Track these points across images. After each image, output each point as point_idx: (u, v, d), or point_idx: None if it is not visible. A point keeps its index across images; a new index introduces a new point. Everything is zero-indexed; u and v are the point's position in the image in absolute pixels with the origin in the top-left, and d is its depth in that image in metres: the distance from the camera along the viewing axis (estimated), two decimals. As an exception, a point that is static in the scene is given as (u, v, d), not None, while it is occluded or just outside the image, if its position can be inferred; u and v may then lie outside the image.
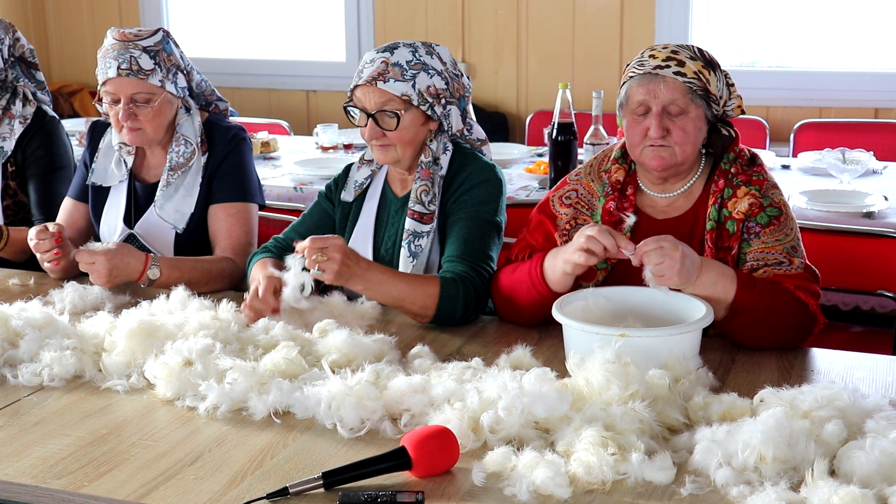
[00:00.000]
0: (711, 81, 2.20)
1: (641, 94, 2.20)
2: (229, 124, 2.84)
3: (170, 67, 2.68)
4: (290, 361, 1.94)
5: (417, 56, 2.38)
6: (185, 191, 2.73)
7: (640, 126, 2.21)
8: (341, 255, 2.14)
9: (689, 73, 2.18)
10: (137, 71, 2.62)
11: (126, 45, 2.63)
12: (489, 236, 2.39)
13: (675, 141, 2.19)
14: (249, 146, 2.84)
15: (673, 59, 2.19)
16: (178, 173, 2.72)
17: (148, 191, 2.78)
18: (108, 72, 2.63)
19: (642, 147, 2.22)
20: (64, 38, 6.93)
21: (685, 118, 2.19)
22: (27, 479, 1.63)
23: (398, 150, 2.42)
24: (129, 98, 2.64)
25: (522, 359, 2.00)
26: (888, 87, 5.42)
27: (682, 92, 2.18)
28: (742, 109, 2.29)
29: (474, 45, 6.01)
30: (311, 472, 1.61)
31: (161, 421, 1.83)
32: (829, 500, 1.43)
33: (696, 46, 2.25)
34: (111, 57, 2.62)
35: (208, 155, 2.76)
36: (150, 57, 2.64)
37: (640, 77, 2.21)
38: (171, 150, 2.73)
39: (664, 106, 2.19)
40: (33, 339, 2.08)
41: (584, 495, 1.54)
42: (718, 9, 5.82)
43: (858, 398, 1.72)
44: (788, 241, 2.20)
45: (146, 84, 2.64)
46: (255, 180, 2.83)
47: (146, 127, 2.67)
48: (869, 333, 3.27)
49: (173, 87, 2.69)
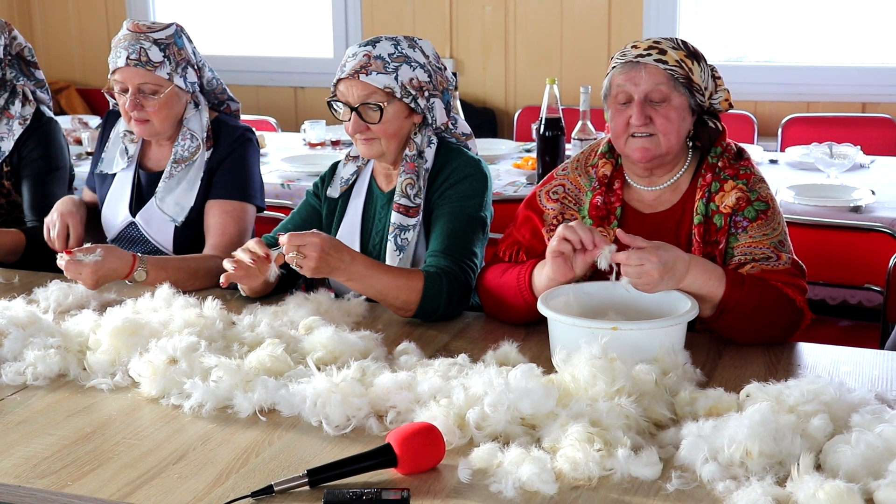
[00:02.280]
0: (695, 71, 2.20)
1: (623, 83, 2.20)
2: (237, 124, 2.85)
3: (179, 61, 2.69)
4: (276, 359, 1.94)
5: (400, 49, 2.38)
6: (187, 185, 2.75)
7: (622, 115, 2.21)
8: (318, 252, 2.14)
9: (670, 60, 2.18)
10: (146, 62, 2.63)
11: (137, 37, 2.65)
12: (474, 231, 2.39)
13: (659, 129, 2.19)
14: (256, 148, 2.85)
15: (655, 48, 2.19)
16: (181, 167, 2.74)
17: (151, 179, 2.80)
18: (118, 61, 2.65)
19: (626, 137, 2.22)
20: (50, 36, 6.90)
21: (668, 106, 2.19)
22: (10, 479, 1.61)
23: (382, 143, 2.41)
24: (137, 88, 2.66)
25: (509, 355, 2.00)
26: (876, 81, 5.43)
27: (664, 79, 2.18)
28: (730, 103, 2.29)
29: (462, 41, 6.01)
30: (296, 469, 1.60)
31: (145, 419, 1.82)
32: (815, 494, 1.43)
33: (681, 39, 2.25)
34: (122, 46, 2.65)
35: (212, 151, 2.77)
36: (159, 49, 2.65)
37: (622, 66, 2.21)
38: (177, 144, 2.75)
39: (646, 93, 2.18)
40: (17, 338, 2.07)
41: (570, 491, 1.54)
42: (706, 4, 5.83)
43: (844, 392, 1.72)
44: (776, 236, 2.20)
45: (153, 75, 2.65)
46: (258, 182, 2.83)
47: (153, 119, 2.69)
48: (857, 327, 3.28)
49: (182, 82, 2.70)
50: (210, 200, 2.75)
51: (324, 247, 2.15)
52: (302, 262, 2.14)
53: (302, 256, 2.13)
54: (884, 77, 5.44)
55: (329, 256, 2.16)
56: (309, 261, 2.14)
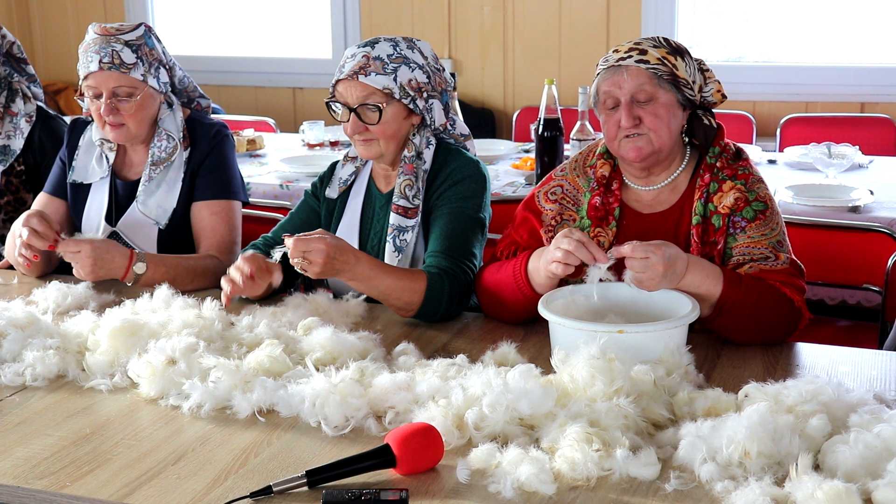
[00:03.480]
0: (679, 67, 2.20)
1: (608, 87, 2.22)
2: (211, 121, 2.83)
3: (152, 62, 2.67)
4: (274, 359, 1.94)
5: (398, 50, 2.38)
6: (168, 186, 2.71)
7: (612, 119, 2.22)
8: (324, 258, 2.15)
9: (652, 59, 2.18)
10: (119, 65, 2.60)
11: (108, 40, 2.62)
12: (472, 232, 2.39)
13: (649, 127, 2.19)
14: (232, 143, 2.82)
15: (635, 49, 2.20)
16: (160, 168, 2.71)
17: (129, 188, 2.76)
18: (90, 66, 2.61)
19: (618, 140, 2.23)
20: (48, 37, 6.90)
21: (655, 104, 2.19)
22: (9, 480, 1.61)
23: (381, 144, 2.42)
24: (111, 92, 2.62)
25: (507, 355, 2.00)
26: (874, 81, 5.43)
27: (647, 78, 2.18)
28: (723, 94, 2.29)
29: (461, 42, 6.01)
30: (294, 470, 1.60)
31: (144, 420, 1.82)
32: (814, 494, 1.43)
33: (663, 37, 2.25)
34: (93, 51, 2.61)
35: (190, 151, 2.74)
36: (132, 51, 2.63)
37: (605, 71, 2.23)
38: (153, 145, 2.71)
39: (632, 95, 2.19)
40: (16, 339, 2.07)
41: (568, 492, 1.54)
42: (704, 4, 5.83)
43: (843, 392, 1.72)
44: (774, 236, 2.20)
45: (128, 78, 2.62)
46: (238, 177, 2.82)
47: (128, 122, 2.66)
48: (855, 327, 3.28)
49: (155, 82, 2.68)
50: (196, 203, 2.73)
51: (329, 252, 2.15)
52: (307, 267, 2.15)
53: (307, 262, 2.14)
54: (882, 77, 5.44)
55: (334, 260, 2.16)
56: (314, 266, 2.15)
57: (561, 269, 2.07)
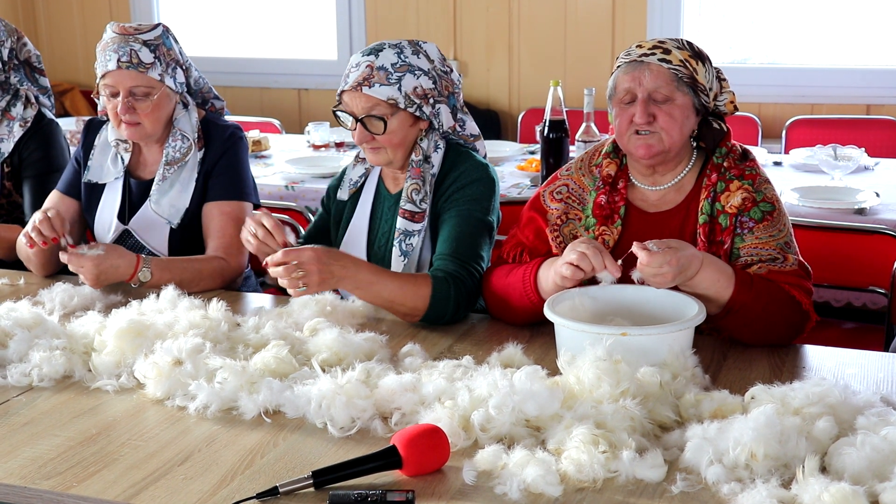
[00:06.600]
0: (699, 71, 2.20)
1: (627, 82, 2.21)
2: (226, 123, 2.84)
3: (169, 62, 2.68)
4: (281, 360, 1.94)
5: (403, 57, 2.37)
6: (181, 186, 2.73)
7: (626, 114, 2.22)
8: (316, 265, 2.14)
9: (674, 60, 2.18)
10: (137, 64, 2.62)
11: (126, 39, 2.63)
12: (480, 235, 2.38)
13: (661, 126, 2.19)
14: (246, 145, 2.84)
15: (659, 47, 2.20)
16: (174, 168, 2.72)
17: (143, 187, 2.77)
18: (108, 64, 2.62)
19: (629, 134, 2.22)
20: (54, 38, 6.91)
21: (671, 105, 2.19)
22: (16, 480, 1.62)
23: (389, 152, 2.42)
24: (128, 91, 2.64)
25: (513, 357, 2.00)
26: (880, 83, 5.42)
27: (667, 79, 2.18)
28: (735, 106, 2.29)
29: (466, 43, 6.01)
30: (301, 471, 1.60)
31: (151, 421, 1.82)
32: (820, 497, 1.43)
33: (686, 40, 2.25)
34: (111, 50, 2.62)
35: (204, 152, 2.76)
36: (150, 51, 2.64)
37: (626, 65, 2.22)
38: (168, 145, 2.73)
39: (649, 93, 2.19)
40: (23, 340, 2.07)
41: (574, 493, 1.54)
42: (710, 6, 5.83)
43: (849, 395, 1.72)
44: (782, 237, 2.20)
45: (146, 77, 2.63)
46: (251, 180, 2.83)
47: (144, 121, 2.67)
48: (861, 330, 3.27)
49: (172, 82, 2.69)
50: (208, 203, 2.74)
51: (321, 258, 2.15)
52: (305, 279, 2.14)
53: (302, 273, 2.13)
54: (888, 79, 5.43)
55: (330, 265, 2.16)
56: (311, 275, 2.14)
57: (571, 271, 2.06)
